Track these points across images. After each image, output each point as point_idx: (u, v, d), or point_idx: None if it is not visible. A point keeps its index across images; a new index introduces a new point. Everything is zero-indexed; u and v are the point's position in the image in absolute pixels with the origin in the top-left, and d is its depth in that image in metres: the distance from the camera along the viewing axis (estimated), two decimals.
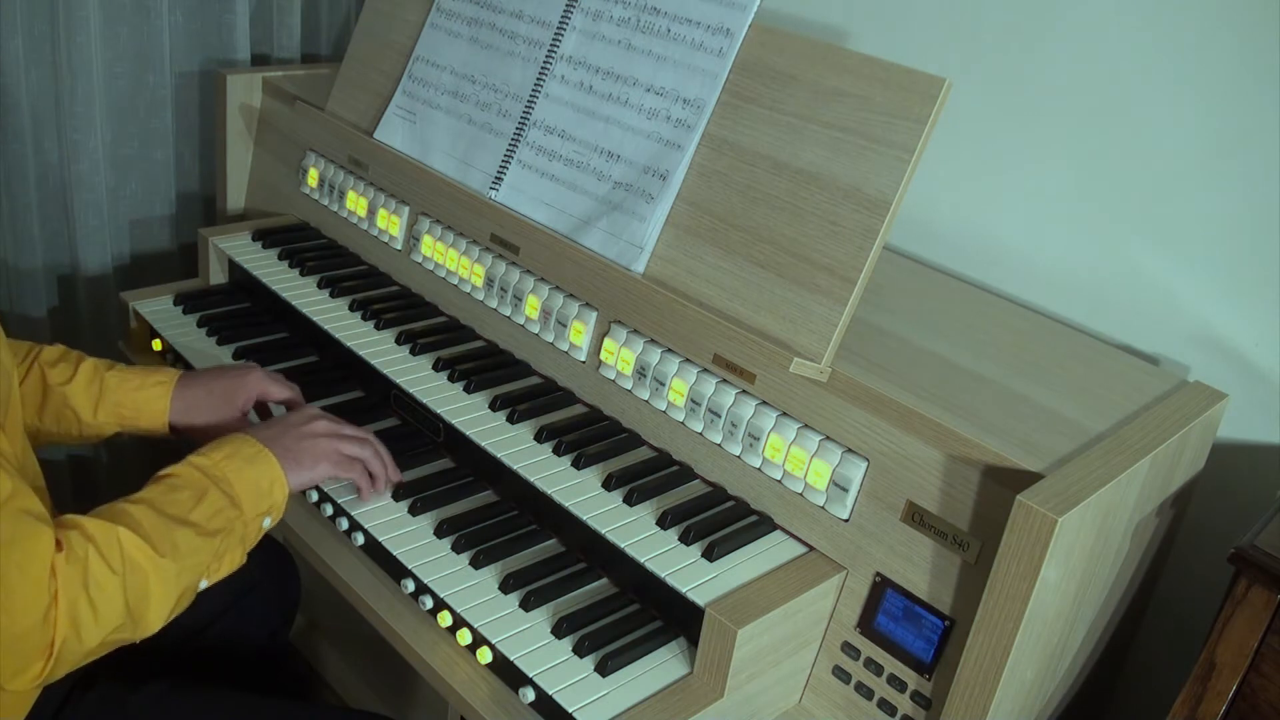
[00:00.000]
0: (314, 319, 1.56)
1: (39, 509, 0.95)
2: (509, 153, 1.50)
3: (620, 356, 1.35)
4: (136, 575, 1.00)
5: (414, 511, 1.27)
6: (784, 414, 1.22)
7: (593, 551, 1.24)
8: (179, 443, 1.35)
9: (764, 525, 1.22)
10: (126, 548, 0.99)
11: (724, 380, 1.27)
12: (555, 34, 1.48)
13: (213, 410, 1.31)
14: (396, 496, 1.29)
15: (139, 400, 1.29)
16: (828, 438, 1.18)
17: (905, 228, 1.60)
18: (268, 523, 1.15)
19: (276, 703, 1.26)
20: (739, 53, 1.30)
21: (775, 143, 1.25)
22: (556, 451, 1.30)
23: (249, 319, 1.67)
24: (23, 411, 1.24)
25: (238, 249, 1.73)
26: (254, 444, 1.16)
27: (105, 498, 1.05)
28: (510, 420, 1.35)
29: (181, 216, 2.08)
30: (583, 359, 1.41)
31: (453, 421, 1.35)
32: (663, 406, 1.32)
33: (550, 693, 1.06)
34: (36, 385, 1.26)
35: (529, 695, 1.07)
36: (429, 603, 1.18)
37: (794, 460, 1.19)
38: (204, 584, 1.08)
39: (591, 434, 1.34)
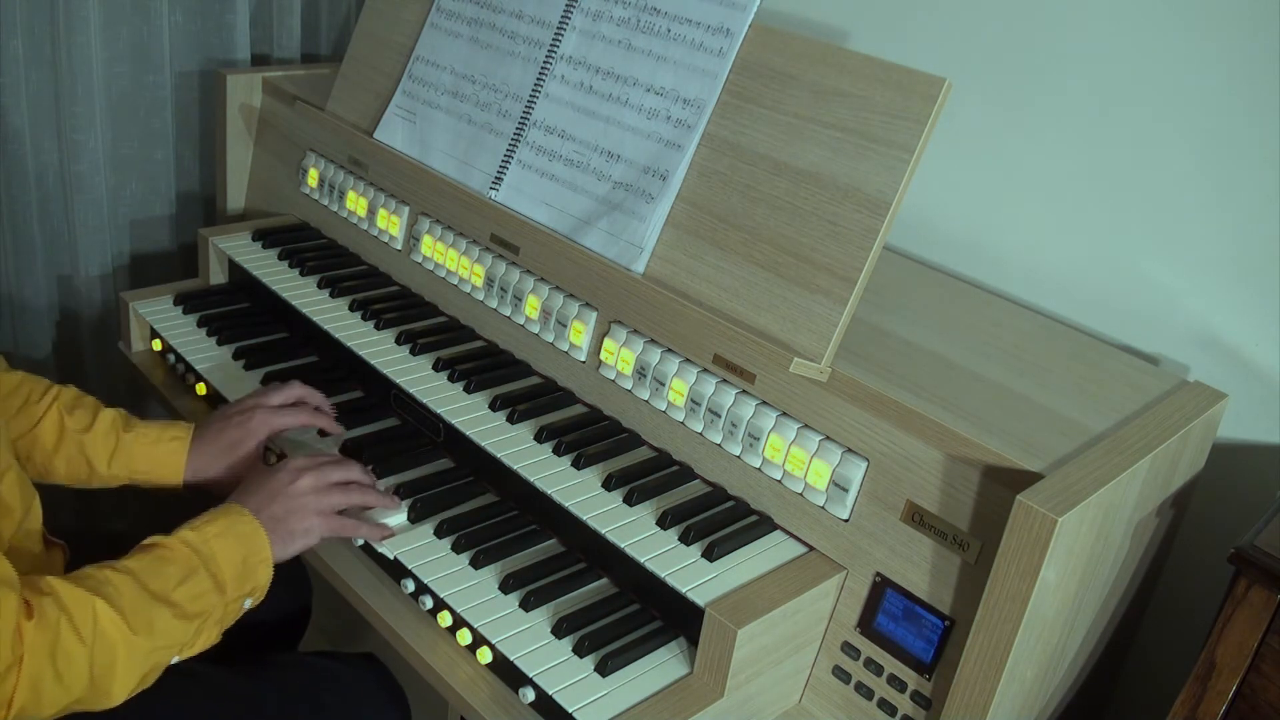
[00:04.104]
0: (314, 319, 1.56)
1: (6, 573, 0.95)
2: (509, 153, 1.50)
3: (620, 356, 1.35)
4: (106, 648, 0.99)
5: (413, 511, 1.27)
6: (784, 414, 1.22)
7: (593, 551, 1.24)
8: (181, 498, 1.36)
9: (764, 525, 1.22)
10: (101, 620, 0.99)
11: (724, 380, 1.27)
12: (555, 34, 1.48)
13: (225, 465, 1.33)
14: (398, 494, 1.29)
15: (154, 456, 1.31)
16: (828, 438, 1.18)
17: (905, 228, 1.60)
18: (248, 604, 1.14)
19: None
20: (739, 53, 1.30)
21: (775, 143, 1.25)
22: (556, 451, 1.30)
23: (249, 319, 1.67)
24: (36, 451, 1.28)
25: (238, 249, 1.73)
26: (248, 520, 1.15)
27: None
28: (510, 420, 1.35)
29: (181, 216, 2.08)
30: (583, 359, 1.41)
31: (453, 421, 1.35)
32: (663, 406, 1.32)
33: (550, 693, 1.06)
34: (54, 427, 1.29)
35: (529, 695, 1.08)
36: (429, 603, 1.18)
37: (794, 460, 1.19)
38: (175, 659, 1.08)
39: (591, 434, 1.34)
